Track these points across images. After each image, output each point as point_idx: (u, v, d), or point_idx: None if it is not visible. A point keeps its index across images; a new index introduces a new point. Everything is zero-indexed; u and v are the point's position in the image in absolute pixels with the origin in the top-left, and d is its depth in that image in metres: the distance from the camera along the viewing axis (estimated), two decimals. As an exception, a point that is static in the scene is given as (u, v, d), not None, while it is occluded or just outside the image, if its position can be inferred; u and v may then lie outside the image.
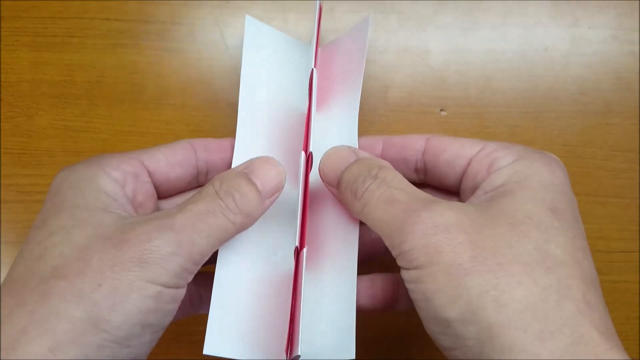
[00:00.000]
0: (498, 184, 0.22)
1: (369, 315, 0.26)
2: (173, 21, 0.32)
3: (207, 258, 0.22)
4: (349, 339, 0.22)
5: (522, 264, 0.19)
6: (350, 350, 0.21)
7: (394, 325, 0.33)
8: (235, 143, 0.26)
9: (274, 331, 0.23)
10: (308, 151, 0.25)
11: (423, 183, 0.27)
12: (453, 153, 0.24)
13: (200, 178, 0.27)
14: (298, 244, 0.23)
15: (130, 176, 0.24)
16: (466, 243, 0.19)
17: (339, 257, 0.24)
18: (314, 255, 0.24)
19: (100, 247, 0.20)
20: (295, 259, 0.23)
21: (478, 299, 0.18)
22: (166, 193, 0.26)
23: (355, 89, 0.26)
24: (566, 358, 0.17)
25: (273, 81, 0.28)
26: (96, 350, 0.18)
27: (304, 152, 0.25)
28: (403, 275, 0.20)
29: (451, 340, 0.19)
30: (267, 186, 0.22)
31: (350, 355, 0.21)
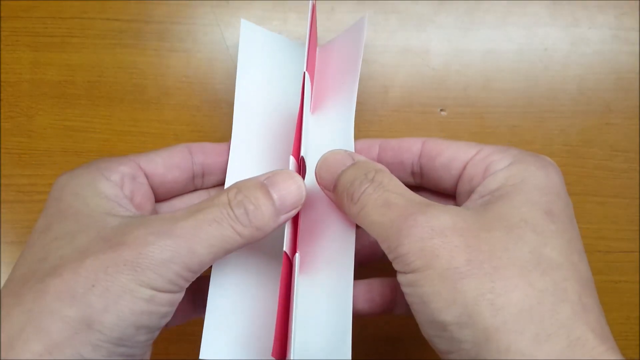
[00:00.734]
0: (494, 188, 0.22)
1: (367, 317, 0.26)
2: (173, 21, 0.32)
3: (208, 266, 0.21)
4: (345, 341, 0.22)
5: (518, 267, 0.19)
6: (346, 353, 0.21)
7: (392, 326, 0.33)
8: (230, 147, 0.26)
9: (270, 335, 0.23)
10: (300, 156, 0.25)
11: (419, 186, 0.27)
12: (449, 156, 0.24)
13: (196, 181, 0.27)
14: (287, 249, 0.23)
15: (127, 178, 0.24)
16: (462, 247, 0.19)
17: (335, 261, 0.24)
18: (310, 259, 0.24)
19: (98, 248, 0.20)
20: (285, 264, 0.23)
21: (474, 302, 0.18)
22: (163, 196, 0.26)
23: (351, 91, 0.26)
24: None
25: (268, 85, 0.28)
26: (91, 350, 0.18)
27: (294, 157, 0.24)
28: (399, 279, 0.20)
29: (447, 343, 0.19)
30: (286, 201, 0.22)
31: (346, 356, 0.21)
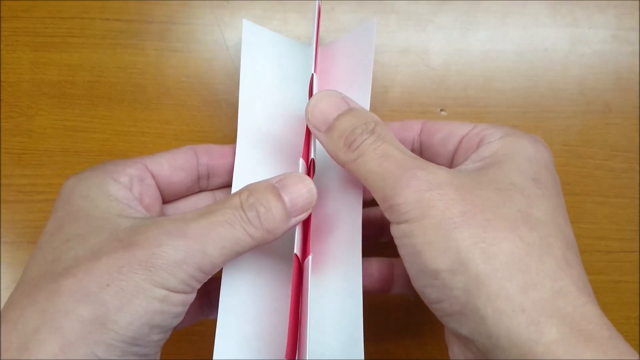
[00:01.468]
0: (486, 155, 0.23)
1: (366, 294, 0.26)
2: (173, 21, 0.32)
3: (220, 268, 0.21)
4: (357, 341, 0.22)
5: (508, 222, 0.20)
6: (359, 353, 0.22)
7: (393, 323, 0.33)
8: (236, 149, 0.26)
9: (282, 336, 0.23)
10: (310, 158, 0.25)
11: None
12: (446, 132, 0.26)
13: (201, 183, 0.27)
14: (297, 252, 0.23)
15: (135, 179, 0.24)
16: (457, 199, 0.20)
17: (344, 260, 0.24)
18: (319, 258, 0.24)
19: (111, 249, 0.20)
20: (295, 267, 0.23)
21: (467, 250, 0.19)
22: (169, 197, 0.26)
23: (363, 97, 0.26)
24: (547, 308, 0.18)
25: (273, 86, 0.28)
26: (105, 349, 0.19)
27: (303, 160, 0.24)
28: (393, 231, 0.21)
29: (439, 292, 0.20)
30: (296, 204, 0.22)
31: (359, 357, 0.22)
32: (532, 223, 0.20)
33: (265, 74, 0.28)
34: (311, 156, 0.25)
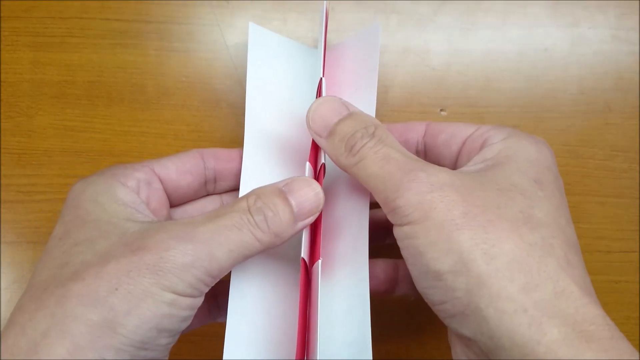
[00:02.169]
0: (488, 157, 0.23)
1: (371, 296, 0.26)
2: (173, 21, 0.32)
3: (227, 271, 0.21)
4: (365, 342, 0.22)
5: (510, 222, 0.20)
6: (367, 354, 0.22)
7: (393, 323, 0.33)
8: (243, 153, 0.26)
9: (291, 338, 0.23)
10: (320, 162, 0.25)
11: None
12: (450, 134, 0.26)
13: (208, 186, 0.27)
14: (304, 255, 0.23)
15: (143, 183, 0.24)
16: (459, 201, 0.20)
17: (351, 263, 0.24)
18: (326, 261, 0.24)
19: (120, 253, 0.20)
20: (302, 270, 0.23)
21: (469, 251, 0.19)
22: (176, 201, 0.26)
23: (369, 99, 0.26)
24: (548, 308, 0.18)
25: (280, 90, 0.28)
26: (114, 353, 0.19)
27: (310, 163, 0.24)
28: (395, 232, 0.21)
29: (441, 293, 0.20)
30: (303, 208, 0.22)
31: (367, 357, 0.22)
32: (534, 224, 0.20)
33: (272, 78, 0.28)
34: (322, 160, 0.25)
